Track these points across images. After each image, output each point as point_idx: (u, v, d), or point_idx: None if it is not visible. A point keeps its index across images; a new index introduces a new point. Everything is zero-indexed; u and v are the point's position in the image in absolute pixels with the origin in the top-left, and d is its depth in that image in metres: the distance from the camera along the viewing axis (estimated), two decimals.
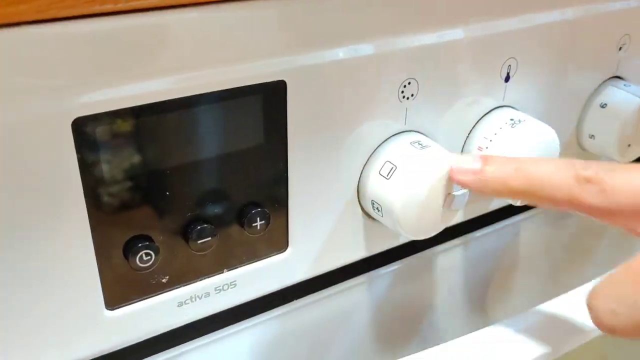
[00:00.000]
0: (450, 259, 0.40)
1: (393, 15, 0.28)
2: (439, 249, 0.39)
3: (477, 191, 0.29)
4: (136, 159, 0.25)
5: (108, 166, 0.24)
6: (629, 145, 0.39)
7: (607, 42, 0.38)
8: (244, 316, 0.33)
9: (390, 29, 0.29)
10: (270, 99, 0.27)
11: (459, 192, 0.30)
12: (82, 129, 0.23)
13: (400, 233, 0.31)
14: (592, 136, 0.40)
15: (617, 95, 0.39)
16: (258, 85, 0.26)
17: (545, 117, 0.36)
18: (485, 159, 0.28)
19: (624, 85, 0.39)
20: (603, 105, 0.39)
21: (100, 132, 0.23)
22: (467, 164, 0.28)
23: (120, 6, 0.21)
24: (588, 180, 0.24)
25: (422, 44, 0.30)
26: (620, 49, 0.39)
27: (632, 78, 0.40)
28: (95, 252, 0.25)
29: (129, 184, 0.25)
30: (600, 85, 0.39)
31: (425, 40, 0.30)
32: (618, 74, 0.40)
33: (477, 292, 0.42)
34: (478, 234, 0.41)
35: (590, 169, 0.24)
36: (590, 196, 0.24)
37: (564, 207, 0.25)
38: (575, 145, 0.41)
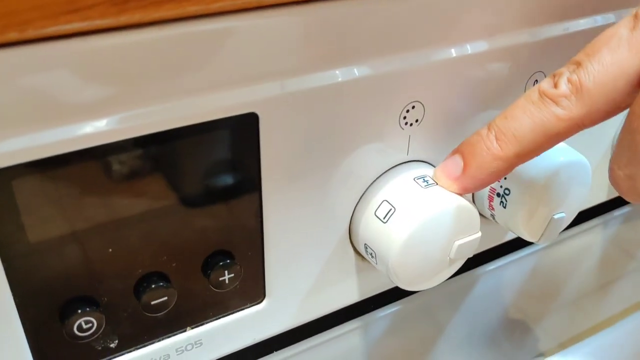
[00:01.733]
0: (455, 295, 0.35)
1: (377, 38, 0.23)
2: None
3: (473, 184, 0.24)
4: (68, 213, 0.20)
5: (31, 225, 0.19)
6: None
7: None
8: None
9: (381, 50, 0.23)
10: (239, 134, 0.22)
11: (467, 238, 0.26)
12: None
13: (397, 282, 0.26)
14: None
15: None
16: (224, 119, 0.21)
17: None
18: (460, 151, 0.24)
19: None
20: None
21: (18, 186, 0.19)
22: (449, 163, 0.24)
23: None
24: (562, 95, 0.21)
25: (425, 63, 0.25)
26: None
27: None
28: (24, 326, 0.20)
29: (60, 241, 0.20)
30: None
31: (431, 58, 0.25)
32: None
33: (489, 329, 0.37)
34: (490, 267, 0.36)
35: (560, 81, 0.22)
36: (572, 108, 0.21)
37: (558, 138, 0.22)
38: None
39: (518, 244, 0.38)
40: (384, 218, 0.25)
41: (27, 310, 0.21)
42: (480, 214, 0.28)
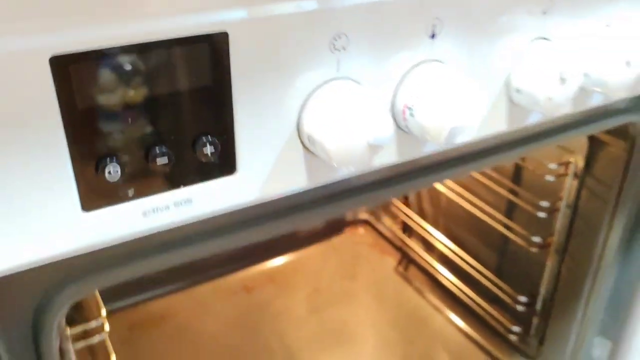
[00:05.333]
0: None
1: None
2: None
3: None
4: (106, 93, 0.31)
5: (82, 98, 0.30)
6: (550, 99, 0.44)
7: (532, 6, 0.43)
8: None
9: None
10: (215, 47, 0.33)
11: (380, 133, 0.36)
12: (59, 65, 0.29)
13: (331, 163, 0.37)
14: (518, 91, 0.45)
15: (540, 54, 0.44)
16: (205, 36, 0.32)
17: (475, 74, 0.41)
18: None
19: (548, 45, 0.44)
20: (527, 64, 0.44)
21: (74, 68, 0.30)
22: None
23: None
24: None
25: (353, 3, 0.36)
26: (544, 13, 0.44)
27: (557, 39, 0.46)
28: (72, 165, 0.32)
29: (99, 113, 0.31)
30: (526, 45, 0.45)
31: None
32: (544, 36, 0.45)
33: None
34: None
35: None
36: None
37: None
38: (506, 101, 0.46)
39: None
40: (320, 113, 0.36)
41: (76, 160, 0.32)
42: (400, 128, 0.40)
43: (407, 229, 1.13)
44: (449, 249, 1.01)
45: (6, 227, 0.31)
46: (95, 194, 0.33)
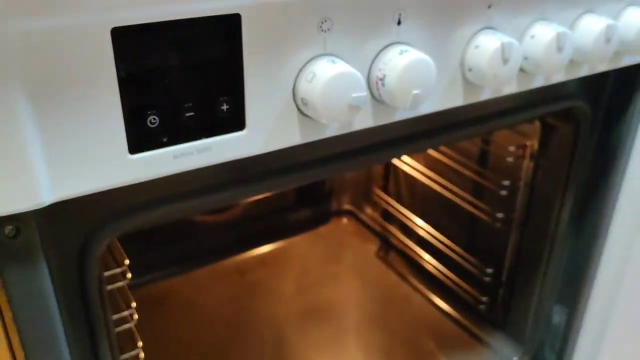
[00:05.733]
0: None
1: None
2: None
3: None
4: (150, 58, 0.41)
5: (133, 63, 0.40)
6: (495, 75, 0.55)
7: (478, 2, 0.54)
8: None
9: None
10: (230, 26, 0.43)
11: (357, 94, 0.47)
12: (118, 35, 0.39)
13: (319, 118, 0.47)
14: (470, 69, 0.56)
15: (487, 39, 0.55)
16: (223, 16, 0.43)
17: (434, 55, 0.52)
18: None
19: (493, 32, 0.55)
20: (476, 47, 0.55)
21: (129, 38, 0.40)
22: None
23: None
24: None
25: None
26: (489, 7, 0.55)
27: (501, 29, 0.56)
28: (123, 115, 0.41)
29: (145, 75, 0.41)
30: (476, 33, 0.55)
31: None
32: (490, 25, 0.56)
33: None
34: None
35: None
36: None
37: None
38: (461, 78, 0.57)
39: None
40: (310, 80, 0.47)
41: (126, 112, 0.41)
42: (375, 98, 0.50)
43: (387, 216, 1.23)
44: (425, 230, 1.11)
45: (74, 162, 0.41)
46: (139, 140, 0.43)
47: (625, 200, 0.83)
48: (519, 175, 0.89)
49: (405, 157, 1.12)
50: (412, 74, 0.50)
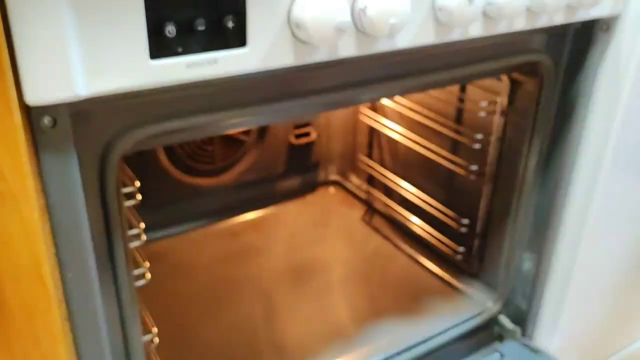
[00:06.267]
0: None
1: None
2: None
3: None
4: None
5: None
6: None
7: None
8: None
9: None
10: None
11: (342, 19, 0.55)
12: None
13: (310, 40, 0.55)
14: (440, 9, 0.64)
15: None
16: None
17: None
18: None
19: None
20: None
21: None
22: None
23: None
24: None
25: None
26: None
27: None
28: (147, 24, 0.49)
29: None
30: None
31: None
32: None
33: None
34: None
35: None
36: None
37: None
38: (432, 17, 0.65)
39: None
40: (304, 7, 0.55)
41: (149, 21, 0.49)
42: (358, 29, 0.59)
43: (371, 181, 1.32)
44: (407, 190, 1.19)
45: (105, 62, 0.49)
46: (158, 47, 0.51)
47: (585, 150, 0.91)
48: (490, 130, 0.98)
49: (387, 121, 1.21)
50: (389, 4, 0.58)
